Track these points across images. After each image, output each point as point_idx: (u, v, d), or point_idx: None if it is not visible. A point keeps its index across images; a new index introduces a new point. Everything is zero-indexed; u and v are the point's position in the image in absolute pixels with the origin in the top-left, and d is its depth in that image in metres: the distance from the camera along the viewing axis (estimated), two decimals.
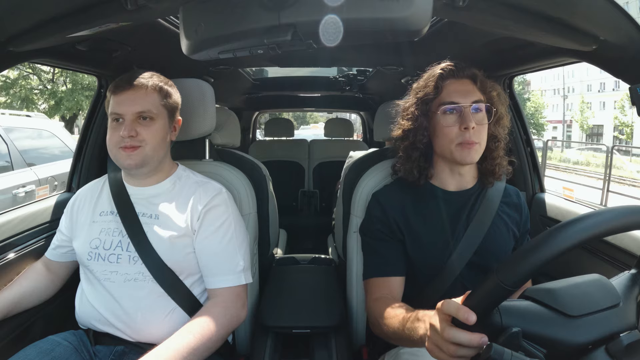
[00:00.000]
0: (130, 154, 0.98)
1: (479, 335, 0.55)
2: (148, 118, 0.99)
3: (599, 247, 1.12)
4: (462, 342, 0.56)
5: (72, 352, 0.97)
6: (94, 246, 1.01)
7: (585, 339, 0.54)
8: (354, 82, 2.45)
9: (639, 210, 0.56)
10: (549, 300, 0.56)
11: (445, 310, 0.59)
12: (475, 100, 0.94)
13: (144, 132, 0.98)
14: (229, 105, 3.12)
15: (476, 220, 0.99)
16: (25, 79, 11.88)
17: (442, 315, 0.60)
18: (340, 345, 1.17)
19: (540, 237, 0.54)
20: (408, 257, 1.00)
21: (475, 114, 0.94)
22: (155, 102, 1.00)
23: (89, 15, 0.77)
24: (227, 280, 1.01)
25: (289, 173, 3.34)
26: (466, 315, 0.55)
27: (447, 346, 0.58)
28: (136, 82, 0.99)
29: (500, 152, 1.02)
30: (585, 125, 25.98)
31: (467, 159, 0.95)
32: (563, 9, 0.74)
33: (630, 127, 21.22)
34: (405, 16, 0.63)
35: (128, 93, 0.98)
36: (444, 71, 0.98)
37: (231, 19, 0.70)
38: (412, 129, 1.01)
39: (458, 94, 0.95)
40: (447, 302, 0.59)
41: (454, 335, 0.57)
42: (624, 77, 0.85)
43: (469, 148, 0.94)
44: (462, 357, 0.57)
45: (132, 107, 0.97)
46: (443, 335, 0.58)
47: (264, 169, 1.41)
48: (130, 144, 0.97)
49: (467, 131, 0.93)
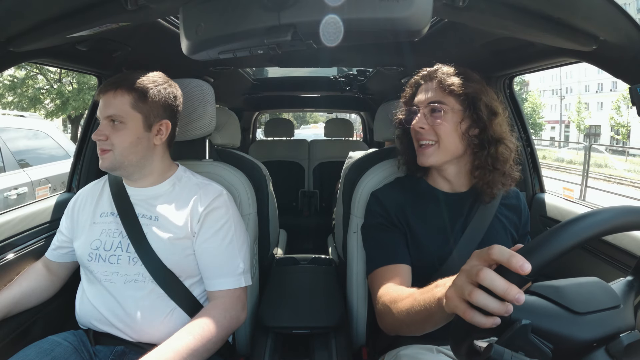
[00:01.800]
0: (102, 156, 0.99)
1: (518, 289, 0.48)
2: (118, 122, 0.97)
3: (599, 247, 1.12)
4: (497, 287, 0.48)
5: (72, 352, 0.97)
6: (94, 247, 1.01)
7: (591, 335, 0.54)
8: (354, 82, 2.45)
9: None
10: (555, 296, 0.55)
11: (494, 254, 0.50)
12: (432, 101, 0.96)
13: (113, 136, 0.97)
14: (229, 105, 3.12)
15: (474, 223, 0.99)
16: (33, 79, 12.13)
17: (481, 260, 0.53)
18: (340, 346, 1.17)
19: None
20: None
21: (433, 114, 0.96)
22: (124, 106, 0.97)
23: (88, 16, 0.77)
24: (227, 282, 1.01)
25: (289, 173, 3.34)
26: (521, 262, 0.48)
27: (473, 290, 0.50)
28: (110, 84, 0.99)
29: (493, 159, 0.95)
30: (582, 126, 26.18)
31: (421, 160, 0.99)
32: (563, 9, 0.74)
33: (626, 128, 21.51)
34: (406, 16, 0.63)
35: (106, 95, 0.98)
36: (419, 77, 1.03)
37: (231, 19, 0.70)
38: (400, 134, 1.08)
39: (420, 97, 0.99)
40: (499, 247, 0.51)
41: (491, 277, 0.49)
42: (623, 77, 0.85)
43: (422, 150, 0.98)
44: (485, 306, 0.49)
45: (104, 110, 0.98)
46: (478, 275, 0.50)
47: (264, 169, 1.41)
48: (101, 147, 0.98)
49: (420, 131, 0.97)
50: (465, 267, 0.55)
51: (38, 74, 12.09)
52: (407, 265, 0.96)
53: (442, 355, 0.92)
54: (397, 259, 0.96)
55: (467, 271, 0.53)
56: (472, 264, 0.53)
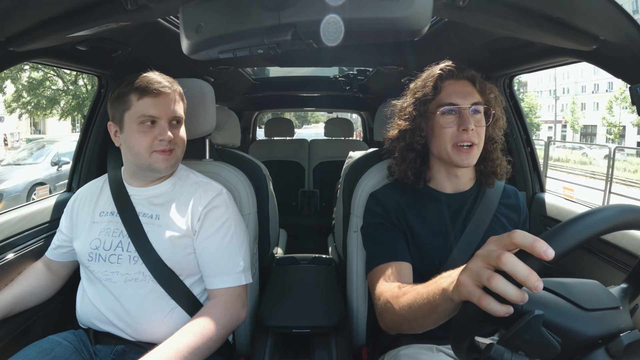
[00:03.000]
0: (168, 157, 1.00)
1: (537, 276, 0.47)
2: (176, 122, 1.02)
3: (599, 247, 1.12)
4: (519, 272, 0.47)
5: (72, 351, 0.97)
6: (94, 247, 1.01)
7: (599, 332, 0.54)
8: (354, 81, 2.45)
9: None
10: (563, 292, 0.55)
11: (517, 239, 0.49)
12: (475, 102, 0.94)
13: (176, 135, 1.01)
14: (229, 105, 3.12)
15: (474, 222, 0.99)
16: (50, 81, 13.00)
17: (500, 245, 0.51)
18: (340, 345, 1.17)
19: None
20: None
21: (474, 116, 0.94)
22: (183, 106, 1.05)
23: (88, 16, 0.77)
24: (227, 280, 1.01)
25: (289, 173, 3.34)
26: (545, 247, 0.46)
27: (492, 275, 0.49)
28: (168, 86, 1.00)
29: (498, 153, 1.02)
30: (577, 126, 26.54)
31: (465, 162, 0.95)
32: (563, 9, 0.74)
33: (618, 127, 22.05)
34: (406, 16, 0.63)
35: (162, 97, 0.99)
36: (443, 72, 0.97)
37: (231, 18, 0.70)
38: (409, 129, 1.00)
39: (457, 95, 0.95)
40: (522, 232, 0.49)
41: (513, 262, 0.47)
42: (623, 76, 0.85)
43: (467, 152, 0.94)
44: (504, 292, 0.48)
45: (168, 111, 0.99)
46: (500, 259, 0.48)
47: (264, 169, 1.41)
48: (169, 147, 0.99)
49: (466, 132, 0.92)
50: (482, 252, 0.53)
51: (55, 75, 12.83)
52: (407, 263, 0.95)
53: (442, 355, 0.93)
54: (398, 257, 0.95)
55: (485, 256, 0.51)
56: (490, 249, 0.51)
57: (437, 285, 0.65)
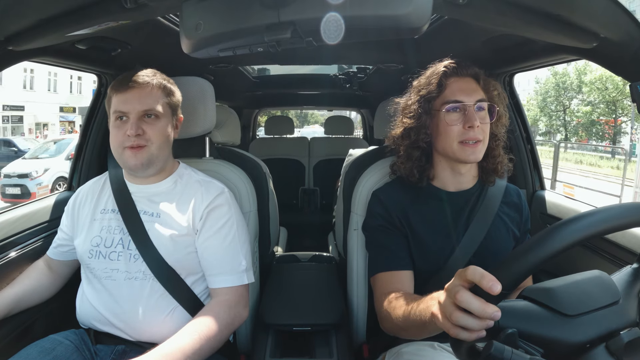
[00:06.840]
0: (137, 153, 0.97)
1: (494, 307, 0.51)
2: (153, 116, 0.99)
3: (600, 244, 1.12)
4: (473, 309, 0.51)
5: (73, 351, 0.97)
6: (94, 244, 1.01)
7: (583, 338, 0.54)
8: (354, 79, 2.44)
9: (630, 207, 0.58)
10: (546, 300, 0.56)
11: (468, 275, 0.53)
12: (479, 99, 0.95)
13: (150, 131, 0.98)
14: (230, 103, 3.12)
15: (476, 221, 0.99)
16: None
17: (461, 280, 0.55)
18: (340, 343, 1.18)
19: (535, 239, 0.55)
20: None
21: (479, 113, 0.94)
22: (159, 100, 0.99)
23: (88, 14, 0.77)
24: (229, 280, 1.01)
25: (289, 171, 3.34)
26: (491, 283, 0.50)
27: (453, 312, 0.53)
28: (141, 79, 0.98)
29: (500, 150, 1.02)
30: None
31: (471, 158, 0.95)
32: (563, 6, 0.73)
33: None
34: (406, 13, 0.63)
35: (133, 91, 0.97)
36: (447, 69, 0.97)
37: (231, 16, 0.70)
38: (414, 127, 1.00)
39: (462, 93, 0.95)
40: (473, 268, 0.53)
41: (467, 299, 0.52)
42: (623, 74, 0.85)
43: (474, 147, 0.94)
44: (465, 328, 0.53)
45: (137, 105, 0.97)
46: (456, 297, 0.53)
47: (265, 167, 1.41)
48: (137, 143, 0.96)
49: (472, 130, 0.93)
50: (449, 287, 0.57)
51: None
52: (408, 271, 0.98)
53: (443, 352, 0.93)
54: (399, 265, 0.97)
55: (449, 291, 0.56)
56: (454, 284, 0.56)
57: (428, 307, 0.68)
